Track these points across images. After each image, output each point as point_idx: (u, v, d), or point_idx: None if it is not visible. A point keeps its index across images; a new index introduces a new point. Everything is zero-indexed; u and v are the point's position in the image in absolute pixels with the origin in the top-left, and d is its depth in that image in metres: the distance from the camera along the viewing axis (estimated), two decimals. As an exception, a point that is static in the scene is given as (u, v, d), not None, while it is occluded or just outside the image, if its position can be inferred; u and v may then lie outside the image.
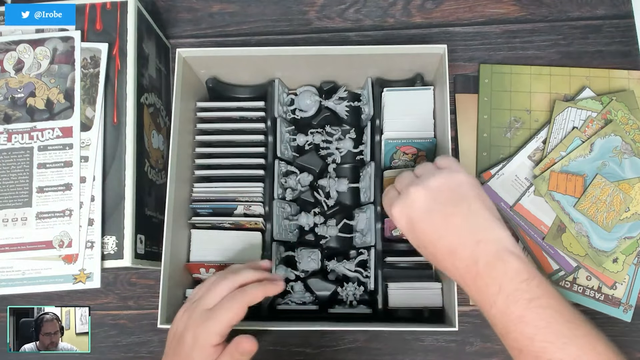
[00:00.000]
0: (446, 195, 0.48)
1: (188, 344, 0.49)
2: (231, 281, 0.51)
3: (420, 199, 0.49)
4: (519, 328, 0.43)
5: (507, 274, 0.44)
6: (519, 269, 0.44)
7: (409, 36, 0.77)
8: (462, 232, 0.47)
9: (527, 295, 0.44)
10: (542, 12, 0.77)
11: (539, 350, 0.43)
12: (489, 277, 0.45)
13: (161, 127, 0.72)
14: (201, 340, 0.48)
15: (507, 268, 0.45)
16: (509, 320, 0.44)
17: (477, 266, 0.46)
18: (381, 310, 0.60)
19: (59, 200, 0.61)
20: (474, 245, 0.46)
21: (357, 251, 0.65)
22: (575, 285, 0.68)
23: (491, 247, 0.46)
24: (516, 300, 0.44)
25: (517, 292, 0.44)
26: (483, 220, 0.47)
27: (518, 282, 0.44)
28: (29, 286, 0.60)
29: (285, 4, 0.79)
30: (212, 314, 0.49)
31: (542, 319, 0.43)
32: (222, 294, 0.51)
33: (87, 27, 0.65)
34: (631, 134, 0.70)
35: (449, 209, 0.48)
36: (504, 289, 0.44)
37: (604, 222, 0.67)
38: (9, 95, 0.64)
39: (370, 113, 0.65)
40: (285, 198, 0.66)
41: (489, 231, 0.47)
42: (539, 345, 0.42)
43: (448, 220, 0.48)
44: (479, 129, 0.73)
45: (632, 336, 0.67)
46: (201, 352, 0.48)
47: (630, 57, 0.74)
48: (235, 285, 0.51)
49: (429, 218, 0.48)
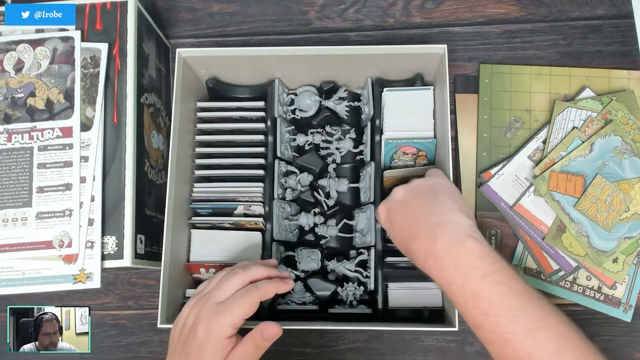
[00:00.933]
0: (422, 192, 0.54)
1: (200, 337, 0.49)
2: (242, 276, 0.52)
3: (399, 194, 0.55)
4: (475, 303, 0.46)
5: (462, 253, 0.47)
6: (473, 248, 0.47)
7: (409, 36, 0.77)
8: (426, 217, 0.51)
9: (481, 272, 0.46)
10: (542, 12, 0.77)
11: (493, 325, 0.45)
12: (447, 257, 0.48)
13: (161, 127, 0.72)
14: (215, 332, 0.48)
15: (462, 248, 0.47)
16: (466, 296, 0.46)
17: (436, 246, 0.48)
18: (381, 310, 0.60)
19: (59, 200, 0.61)
20: (433, 227, 0.50)
21: (357, 251, 0.65)
22: (575, 285, 0.68)
23: (449, 229, 0.49)
24: (471, 277, 0.46)
25: (472, 270, 0.46)
26: (446, 208, 0.51)
27: (472, 260, 0.47)
28: (29, 286, 0.60)
29: (285, 4, 0.79)
30: (225, 307, 0.49)
31: (495, 294, 0.45)
32: (233, 288, 0.51)
33: (87, 27, 0.65)
34: (631, 134, 0.70)
35: (420, 199, 0.53)
36: (460, 267, 0.47)
37: (604, 222, 0.67)
38: (9, 95, 0.64)
39: (370, 113, 0.65)
40: (285, 198, 0.66)
41: (449, 216, 0.50)
42: (493, 320, 0.45)
43: (418, 209, 0.52)
44: (479, 129, 0.73)
45: (632, 336, 0.67)
46: (215, 344, 0.48)
47: (630, 57, 0.74)
48: (246, 280, 0.52)
49: (403, 208, 0.54)
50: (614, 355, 0.67)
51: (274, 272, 0.55)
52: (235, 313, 0.49)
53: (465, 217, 0.50)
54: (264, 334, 0.50)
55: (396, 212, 0.54)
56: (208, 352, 0.48)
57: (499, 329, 0.44)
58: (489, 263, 0.46)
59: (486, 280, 0.46)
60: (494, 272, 0.46)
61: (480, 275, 0.46)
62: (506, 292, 0.45)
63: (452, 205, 0.52)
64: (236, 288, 0.51)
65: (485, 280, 0.46)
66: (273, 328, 0.50)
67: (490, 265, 0.46)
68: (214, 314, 0.49)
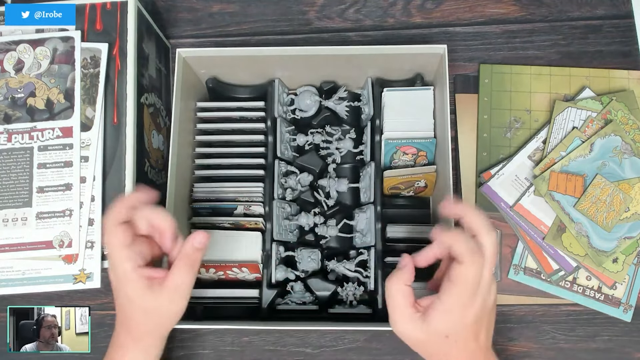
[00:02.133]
0: (479, 323, 0.47)
1: (114, 287, 0.50)
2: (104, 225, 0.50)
3: (471, 315, 0.46)
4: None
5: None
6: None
7: (409, 36, 0.77)
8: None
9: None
10: (542, 12, 0.77)
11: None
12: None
13: (161, 127, 0.72)
14: (120, 272, 0.48)
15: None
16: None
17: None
18: (381, 310, 0.60)
19: (59, 200, 0.61)
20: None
21: (357, 251, 0.65)
22: (575, 285, 0.68)
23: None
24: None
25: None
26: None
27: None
28: (29, 286, 0.60)
29: (285, 4, 0.79)
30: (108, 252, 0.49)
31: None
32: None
33: (87, 27, 0.65)
34: (631, 134, 0.70)
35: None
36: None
37: (604, 222, 0.67)
38: (9, 95, 0.64)
39: (370, 113, 0.65)
40: (285, 198, 0.66)
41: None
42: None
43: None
44: (479, 129, 0.73)
45: (632, 336, 0.67)
46: (128, 282, 0.48)
47: (630, 57, 0.74)
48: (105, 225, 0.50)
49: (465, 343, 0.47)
50: (614, 355, 0.67)
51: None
52: (111, 243, 0.47)
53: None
54: (194, 242, 0.49)
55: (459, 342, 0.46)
56: (123, 291, 0.49)
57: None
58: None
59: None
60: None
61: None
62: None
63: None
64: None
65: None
66: (200, 235, 0.49)
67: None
68: (109, 264, 0.49)
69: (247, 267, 0.62)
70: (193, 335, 0.69)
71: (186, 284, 0.49)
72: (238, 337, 0.69)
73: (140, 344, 0.52)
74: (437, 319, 0.45)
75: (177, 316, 0.50)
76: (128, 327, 0.51)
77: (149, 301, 0.48)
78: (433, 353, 0.48)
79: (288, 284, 0.64)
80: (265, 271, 0.62)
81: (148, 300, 0.48)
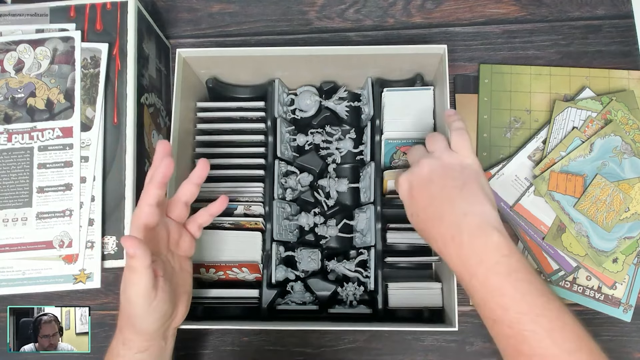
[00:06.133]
0: (450, 172, 0.52)
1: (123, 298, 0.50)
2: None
3: (426, 169, 0.53)
4: (495, 299, 0.46)
5: (488, 247, 0.47)
6: (499, 244, 0.47)
7: (409, 36, 0.77)
8: (452, 203, 0.50)
9: (506, 269, 0.46)
10: (542, 12, 0.77)
11: (512, 321, 0.45)
12: (471, 249, 0.48)
13: (161, 127, 0.72)
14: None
15: (488, 241, 0.47)
16: (487, 291, 0.46)
17: (461, 236, 0.48)
18: (381, 310, 0.60)
19: (59, 200, 0.61)
20: (460, 216, 0.49)
21: (357, 251, 0.65)
22: (575, 285, 0.68)
23: (476, 220, 0.48)
24: (496, 272, 0.46)
25: (497, 265, 0.46)
26: (474, 196, 0.50)
27: (499, 256, 0.46)
28: (29, 286, 0.60)
29: (285, 4, 0.79)
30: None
31: (518, 292, 0.45)
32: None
33: (87, 27, 0.65)
34: (631, 134, 0.70)
35: (448, 181, 0.51)
36: (485, 261, 0.47)
37: (604, 222, 0.67)
38: (9, 95, 0.64)
39: (370, 113, 0.65)
40: (285, 198, 0.66)
41: (477, 206, 0.50)
42: (514, 316, 0.45)
43: (443, 191, 0.51)
44: (479, 129, 0.73)
45: (632, 336, 0.67)
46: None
47: (630, 57, 0.74)
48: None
49: (427, 186, 0.52)
50: (614, 355, 0.67)
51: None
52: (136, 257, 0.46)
53: (492, 208, 0.50)
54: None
55: (420, 189, 0.53)
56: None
57: (518, 326, 0.44)
58: (515, 260, 0.46)
59: (511, 278, 0.46)
60: (518, 269, 0.46)
61: (506, 272, 0.46)
62: (530, 290, 0.45)
63: (480, 194, 0.50)
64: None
65: (511, 277, 0.46)
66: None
67: (516, 263, 0.46)
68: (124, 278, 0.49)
69: (247, 267, 0.62)
70: (193, 335, 0.69)
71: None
72: (238, 337, 0.69)
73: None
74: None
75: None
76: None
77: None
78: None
79: (288, 284, 0.64)
80: (265, 271, 0.62)
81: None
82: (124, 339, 0.52)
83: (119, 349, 0.52)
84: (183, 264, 0.56)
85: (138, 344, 0.52)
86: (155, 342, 0.53)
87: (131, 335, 0.52)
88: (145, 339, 0.52)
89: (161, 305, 0.50)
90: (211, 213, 0.56)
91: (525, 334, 0.44)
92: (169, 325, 0.54)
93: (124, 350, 0.52)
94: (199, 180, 0.53)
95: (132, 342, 0.52)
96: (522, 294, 0.45)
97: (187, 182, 0.54)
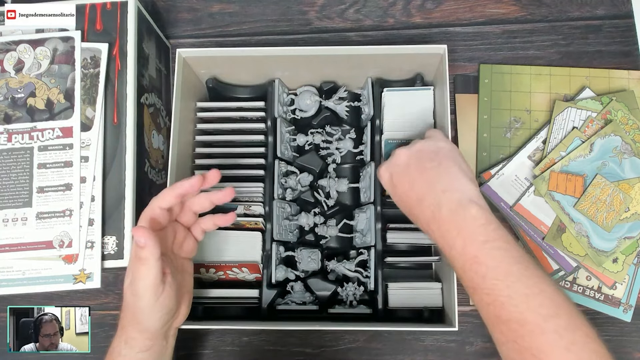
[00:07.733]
0: (425, 155, 0.54)
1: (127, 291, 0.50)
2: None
3: (403, 158, 0.55)
4: (473, 267, 0.47)
5: (466, 219, 0.49)
6: (477, 215, 0.49)
7: (409, 36, 0.77)
8: (431, 183, 0.52)
9: (482, 238, 0.48)
10: (542, 12, 0.77)
11: (489, 287, 0.46)
12: (450, 222, 0.49)
13: (161, 127, 0.72)
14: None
15: (466, 214, 0.49)
16: (465, 260, 0.48)
17: (440, 212, 0.50)
18: (381, 310, 0.60)
19: (59, 200, 0.61)
20: (440, 194, 0.51)
21: (357, 251, 0.65)
22: (575, 285, 0.68)
23: (455, 196, 0.50)
24: (472, 241, 0.48)
25: (473, 235, 0.48)
26: (451, 174, 0.52)
27: (476, 226, 0.48)
28: (29, 286, 0.60)
29: (285, 4, 0.79)
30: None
31: (494, 259, 0.47)
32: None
33: (87, 27, 0.65)
34: (631, 134, 0.70)
35: (425, 164, 0.53)
36: (462, 232, 0.48)
37: (604, 222, 0.67)
38: (9, 95, 0.64)
39: (370, 113, 0.65)
40: (285, 198, 0.66)
41: (455, 182, 0.52)
42: (490, 283, 0.46)
43: (422, 173, 0.53)
44: (479, 129, 0.73)
45: (632, 336, 0.67)
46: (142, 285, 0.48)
47: (630, 57, 0.74)
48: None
49: (407, 171, 0.54)
50: (614, 355, 0.66)
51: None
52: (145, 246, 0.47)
53: (470, 183, 0.52)
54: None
55: (400, 176, 0.55)
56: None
57: (495, 292, 0.45)
58: (492, 229, 0.48)
59: (487, 246, 0.47)
60: (495, 239, 0.47)
61: (482, 241, 0.47)
62: (505, 257, 0.46)
63: (457, 171, 0.52)
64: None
65: (486, 245, 0.47)
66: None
67: (492, 232, 0.48)
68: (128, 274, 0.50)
69: (247, 267, 0.62)
70: (193, 335, 0.69)
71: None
72: (238, 337, 0.69)
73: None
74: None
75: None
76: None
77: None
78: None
79: (288, 284, 0.64)
80: (265, 271, 0.62)
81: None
82: (127, 338, 0.52)
83: (120, 348, 0.52)
84: (184, 265, 0.56)
85: (141, 342, 0.52)
86: (158, 341, 0.53)
87: (134, 334, 0.52)
88: (148, 337, 0.52)
89: (167, 302, 0.50)
90: (216, 223, 0.56)
91: (501, 300, 0.45)
92: (171, 324, 0.54)
93: (125, 350, 0.52)
94: (217, 202, 0.54)
95: (134, 341, 0.52)
96: (499, 262, 0.46)
97: (206, 197, 0.54)
